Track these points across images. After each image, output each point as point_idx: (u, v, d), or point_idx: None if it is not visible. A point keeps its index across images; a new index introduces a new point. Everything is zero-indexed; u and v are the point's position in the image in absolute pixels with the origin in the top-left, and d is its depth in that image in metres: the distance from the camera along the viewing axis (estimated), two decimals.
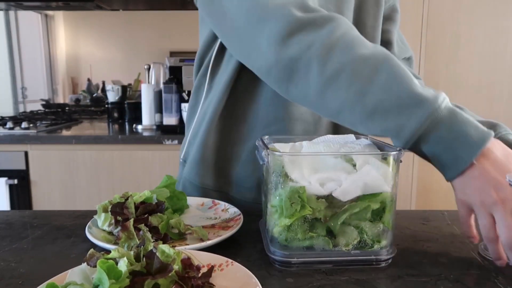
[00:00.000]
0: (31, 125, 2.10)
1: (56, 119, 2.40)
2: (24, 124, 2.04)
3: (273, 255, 0.56)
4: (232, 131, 0.84)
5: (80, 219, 0.75)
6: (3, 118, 2.33)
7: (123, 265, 0.41)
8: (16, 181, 1.91)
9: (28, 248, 0.62)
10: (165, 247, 0.44)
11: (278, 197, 0.55)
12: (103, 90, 2.82)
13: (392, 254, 0.57)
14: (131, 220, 0.58)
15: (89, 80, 2.88)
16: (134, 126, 2.18)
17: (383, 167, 0.55)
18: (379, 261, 0.56)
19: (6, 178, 1.89)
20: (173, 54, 2.78)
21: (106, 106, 2.51)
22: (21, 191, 1.93)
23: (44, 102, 2.79)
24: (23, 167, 1.92)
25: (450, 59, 2.06)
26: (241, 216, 0.70)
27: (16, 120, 2.19)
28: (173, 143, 1.91)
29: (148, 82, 2.22)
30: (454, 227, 0.72)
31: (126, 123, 2.38)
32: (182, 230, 0.64)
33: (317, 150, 0.60)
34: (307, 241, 0.55)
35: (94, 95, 2.87)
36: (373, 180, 0.54)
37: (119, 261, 0.41)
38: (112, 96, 2.49)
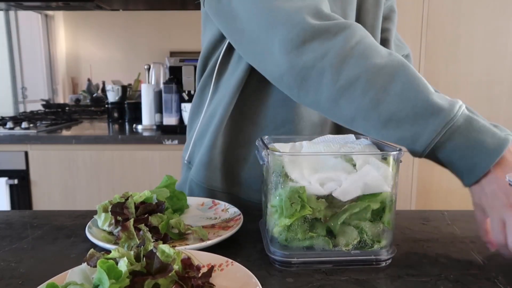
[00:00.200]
0: (31, 125, 2.10)
1: (56, 119, 2.40)
2: (24, 124, 2.04)
3: (273, 255, 0.56)
4: (242, 132, 0.83)
5: (80, 219, 0.75)
6: (3, 118, 2.33)
7: (123, 265, 0.41)
8: (16, 181, 1.91)
9: (28, 248, 0.62)
10: (165, 247, 0.44)
11: (278, 197, 0.55)
12: (103, 90, 2.83)
13: (392, 254, 0.57)
14: (131, 220, 0.58)
15: (89, 80, 2.88)
16: (134, 126, 2.18)
17: (383, 167, 0.55)
18: (379, 261, 0.56)
19: (6, 178, 1.90)
20: (173, 54, 2.78)
21: (106, 106, 2.51)
22: (21, 191, 1.93)
23: (44, 102, 2.79)
24: (23, 167, 1.92)
25: (450, 59, 2.06)
26: (241, 216, 0.70)
27: (16, 120, 2.19)
28: (173, 143, 1.91)
29: (148, 82, 2.22)
30: (454, 227, 0.72)
31: (126, 123, 2.38)
32: (182, 230, 0.64)
33: (317, 150, 0.60)
34: (307, 241, 0.55)
35: (94, 95, 2.87)
36: (373, 180, 0.54)
37: (119, 261, 0.41)
38: (112, 96, 2.49)
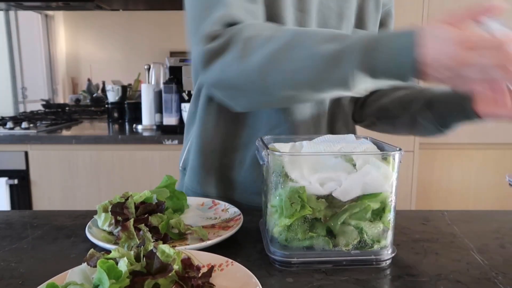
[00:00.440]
0: (31, 125, 2.09)
1: (56, 119, 2.40)
2: (24, 124, 2.04)
3: (273, 255, 0.56)
4: (236, 136, 0.83)
5: (80, 219, 0.75)
6: (3, 118, 2.33)
7: (123, 265, 0.41)
8: (16, 181, 1.91)
9: (28, 248, 0.62)
10: (165, 247, 0.44)
11: (278, 197, 0.55)
12: (103, 90, 2.82)
13: (392, 254, 0.57)
14: (131, 220, 0.58)
15: (89, 80, 2.88)
16: (134, 126, 2.18)
17: (383, 167, 0.55)
18: (379, 261, 0.56)
19: (6, 178, 1.89)
20: (173, 54, 2.78)
21: (106, 106, 2.51)
22: (21, 191, 1.93)
23: (44, 102, 2.79)
24: (23, 167, 1.92)
25: None
26: (241, 216, 0.70)
27: (16, 120, 2.19)
28: (173, 143, 1.91)
29: (148, 82, 2.22)
30: (454, 227, 0.72)
31: (126, 123, 2.38)
32: (182, 230, 0.64)
33: (317, 150, 0.60)
34: (307, 241, 0.55)
35: (94, 95, 2.87)
36: (373, 180, 0.54)
37: (119, 261, 0.41)
38: (112, 96, 2.48)
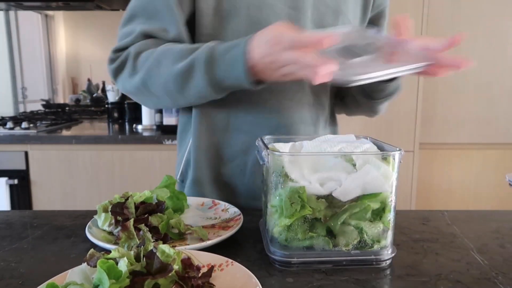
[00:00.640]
0: (31, 125, 2.09)
1: (56, 119, 2.40)
2: (24, 124, 2.04)
3: (273, 255, 0.56)
4: (236, 143, 0.82)
5: (80, 219, 0.75)
6: (3, 118, 2.33)
7: (123, 265, 0.41)
8: (16, 181, 1.91)
9: (28, 248, 0.62)
10: (165, 247, 0.44)
11: (278, 197, 0.55)
12: (103, 90, 2.82)
13: (392, 254, 0.57)
14: (131, 220, 0.58)
15: (89, 80, 2.88)
16: (134, 126, 2.18)
17: (383, 167, 0.55)
18: (379, 261, 0.56)
19: (6, 178, 1.89)
20: None
21: (106, 106, 2.51)
22: (21, 191, 1.93)
23: (44, 102, 2.79)
24: (23, 167, 1.92)
25: None
26: (241, 216, 0.70)
27: (16, 120, 2.19)
28: (173, 143, 1.91)
29: None
30: (454, 227, 0.72)
31: (126, 123, 2.38)
32: (182, 230, 0.64)
33: (317, 150, 0.60)
34: (307, 241, 0.55)
35: (94, 95, 2.87)
36: (373, 180, 0.54)
37: (119, 261, 0.41)
38: (112, 96, 2.49)
